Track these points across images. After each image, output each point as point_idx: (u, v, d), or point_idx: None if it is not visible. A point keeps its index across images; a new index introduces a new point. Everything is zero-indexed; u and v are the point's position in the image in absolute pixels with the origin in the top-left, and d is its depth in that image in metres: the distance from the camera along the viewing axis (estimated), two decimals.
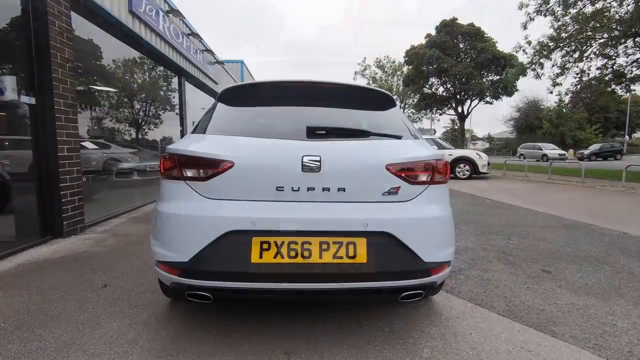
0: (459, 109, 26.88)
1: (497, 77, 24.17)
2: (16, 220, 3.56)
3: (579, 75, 15.66)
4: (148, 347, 1.77)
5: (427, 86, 27.50)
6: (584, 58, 14.84)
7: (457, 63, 23.67)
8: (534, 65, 15.89)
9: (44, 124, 3.62)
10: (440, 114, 29.63)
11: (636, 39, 12.99)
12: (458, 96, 26.06)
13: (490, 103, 25.61)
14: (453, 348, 1.81)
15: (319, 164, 1.65)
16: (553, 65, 16.06)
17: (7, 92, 3.37)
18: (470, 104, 26.33)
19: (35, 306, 2.22)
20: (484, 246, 3.69)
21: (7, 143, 3.73)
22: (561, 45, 15.28)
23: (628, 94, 20.15)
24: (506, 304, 2.37)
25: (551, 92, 15.81)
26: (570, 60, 15.42)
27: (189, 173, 1.72)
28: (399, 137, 1.91)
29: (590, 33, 14.38)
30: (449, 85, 26.20)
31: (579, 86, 15.89)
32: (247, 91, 2.20)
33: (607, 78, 13.94)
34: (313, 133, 1.78)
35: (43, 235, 3.68)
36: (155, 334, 1.89)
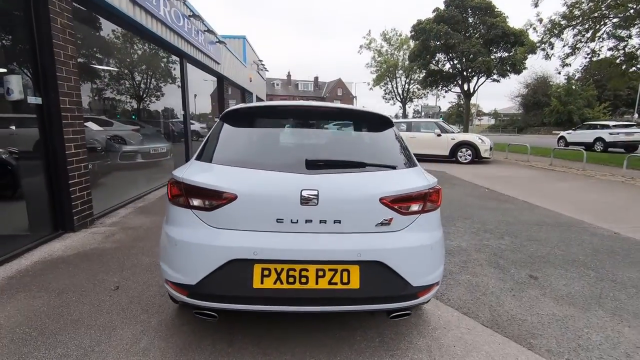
0: (465, 87, 26.35)
1: (506, 54, 23.51)
2: (29, 216, 3.73)
3: (589, 56, 15.28)
4: (160, 356, 1.96)
5: (434, 62, 26.85)
6: (596, 38, 14.43)
7: (465, 39, 22.95)
8: (543, 45, 15.48)
9: (51, 123, 3.70)
10: (446, 91, 29.10)
11: None
12: (465, 73, 25.49)
13: (497, 81, 25.07)
14: None
15: (316, 197, 1.76)
16: (564, 45, 15.65)
17: (14, 93, 3.44)
18: (476, 82, 25.79)
19: (54, 310, 2.41)
20: (477, 246, 3.84)
21: (14, 132, 3.85)
22: (573, 23, 14.80)
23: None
24: (491, 313, 2.53)
25: (559, 73, 15.47)
26: (582, 40, 14.99)
27: (196, 202, 1.83)
28: (393, 167, 2.00)
29: (605, 11, 13.89)
30: (455, 62, 25.55)
31: (588, 67, 15.54)
32: (250, 114, 2.27)
33: (617, 60, 13.58)
34: (312, 165, 1.87)
35: (55, 229, 3.86)
36: (166, 343, 2.08)
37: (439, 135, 11.65)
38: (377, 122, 2.30)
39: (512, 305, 2.63)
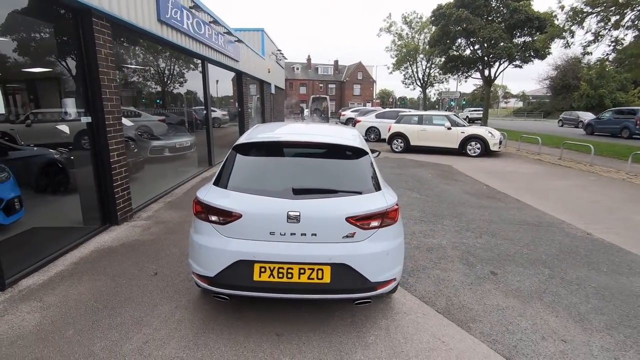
0: (486, 73, 25.82)
1: (530, 40, 22.81)
2: (83, 212, 4.62)
3: (613, 44, 14.85)
4: (189, 326, 2.73)
5: (454, 48, 26.38)
6: (621, 26, 14.00)
7: (486, 24, 22.41)
8: (564, 33, 15.12)
9: (99, 137, 4.51)
10: (466, 78, 28.55)
11: None
12: (486, 58, 24.95)
13: (520, 67, 24.43)
14: (391, 337, 2.66)
15: (299, 217, 2.43)
16: (586, 32, 15.24)
17: (71, 115, 4.25)
18: (497, 68, 25.22)
19: (112, 290, 3.23)
20: (456, 244, 4.42)
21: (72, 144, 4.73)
22: (597, 10, 14.38)
23: None
24: (447, 302, 3.16)
25: (580, 62, 15.11)
26: (606, 27, 14.57)
27: (213, 218, 2.54)
28: (359, 192, 2.62)
29: None
30: (476, 47, 25.02)
31: (611, 55, 15.14)
32: (256, 146, 2.93)
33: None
34: (297, 191, 2.54)
35: (104, 223, 4.73)
36: (193, 316, 2.85)
37: (449, 128, 11.95)
38: (356, 152, 2.90)
39: (466, 297, 3.25)
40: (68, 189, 5.09)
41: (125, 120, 7.91)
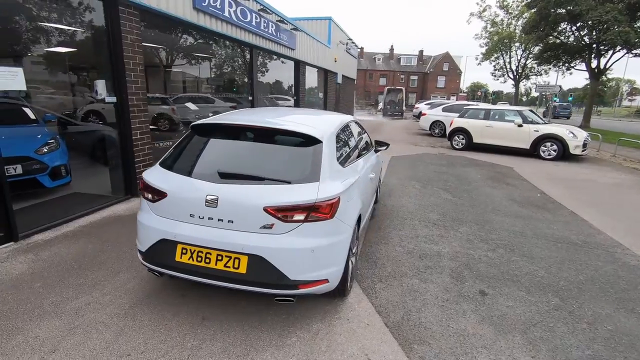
0: (594, 64, 21.81)
1: None
2: (111, 182, 5.19)
3: None
4: (132, 296, 2.86)
5: (555, 34, 22.82)
6: None
7: (597, 5, 18.84)
8: None
9: (123, 115, 4.97)
10: (568, 69, 24.49)
11: None
12: (595, 46, 21.07)
13: None
14: (314, 343, 2.43)
15: (216, 201, 2.34)
16: None
17: (98, 95, 4.75)
18: (609, 58, 21.10)
19: (94, 253, 3.56)
20: (457, 255, 3.85)
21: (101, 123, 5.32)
22: None
23: None
24: (403, 316, 2.77)
25: None
26: None
27: (148, 195, 2.60)
28: (288, 182, 2.41)
29: None
30: (582, 33, 21.25)
31: None
32: (201, 129, 2.89)
33: None
34: (223, 175, 2.44)
35: (126, 194, 5.24)
36: (141, 288, 2.98)
37: (520, 125, 10.46)
38: (307, 140, 2.66)
39: (429, 315, 2.80)
40: (116, 162, 5.76)
41: (190, 105, 8.77)
